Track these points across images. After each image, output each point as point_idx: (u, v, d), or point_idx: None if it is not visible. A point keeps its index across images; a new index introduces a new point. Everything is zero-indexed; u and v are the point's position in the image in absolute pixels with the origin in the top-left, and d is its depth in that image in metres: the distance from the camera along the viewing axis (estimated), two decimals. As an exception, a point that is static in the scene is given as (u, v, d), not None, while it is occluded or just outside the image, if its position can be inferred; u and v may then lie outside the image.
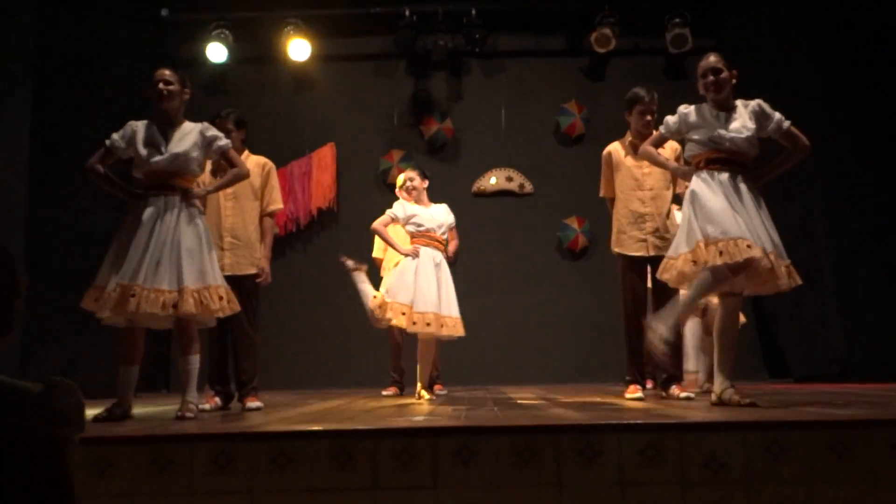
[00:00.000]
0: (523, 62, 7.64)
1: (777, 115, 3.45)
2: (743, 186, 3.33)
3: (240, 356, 4.10)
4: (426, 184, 5.08)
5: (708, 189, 3.31)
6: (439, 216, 4.90)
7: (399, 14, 7.21)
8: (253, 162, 4.22)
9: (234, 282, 3.82)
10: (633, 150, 4.33)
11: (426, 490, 2.27)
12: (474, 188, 7.50)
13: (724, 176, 3.33)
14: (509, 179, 7.48)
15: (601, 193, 4.60)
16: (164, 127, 3.51)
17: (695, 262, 3.25)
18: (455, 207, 7.63)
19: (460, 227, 7.36)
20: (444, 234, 4.88)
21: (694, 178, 3.41)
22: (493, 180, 7.46)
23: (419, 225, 4.78)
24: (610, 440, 2.32)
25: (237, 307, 3.53)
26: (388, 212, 4.86)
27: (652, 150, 3.79)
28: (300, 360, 6.97)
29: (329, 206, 7.45)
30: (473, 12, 7.19)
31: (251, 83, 7.57)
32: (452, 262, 5.05)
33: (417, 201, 4.94)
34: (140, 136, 3.44)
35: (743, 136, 3.35)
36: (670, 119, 3.64)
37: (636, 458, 2.30)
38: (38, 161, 6.14)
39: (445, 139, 7.54)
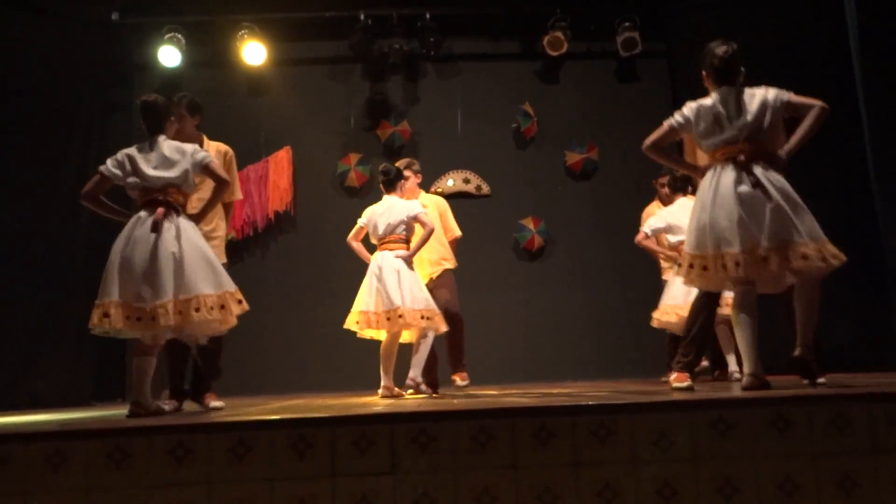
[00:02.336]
0: (478, 65, 7.73)
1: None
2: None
3: (198, 354, 4.06)
4: (411, 179, 5.24)
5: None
6: (392, 216, 4.83)
7: (354, 18, 7.24)
8: (213, 148, 4.14)
9: None
10: None
11: (385, 476, 2.31)
12: (432, 190, 7.53)
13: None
14: (466, 181, 7.55)
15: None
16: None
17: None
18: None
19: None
20: (397, 232, 4.82)
21: None
22: (450, 182, 7.53)
23: (374, 232, 4.90)
24: (563, 422, 2.38)
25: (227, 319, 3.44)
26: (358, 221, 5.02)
27: None
28: (258, 364, 6.91)
29: (286, 209, 7.42)
30: (428, 16, 7.26)
31: (205, 87, 7.48)
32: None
33: (407, 197, 5.09)
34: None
35: None
36: None
37: (589, 439, 2.37)
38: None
39: (402, 142, 7.58)
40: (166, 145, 3.46)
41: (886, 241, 5.69)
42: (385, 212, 4.86)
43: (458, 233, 5.56)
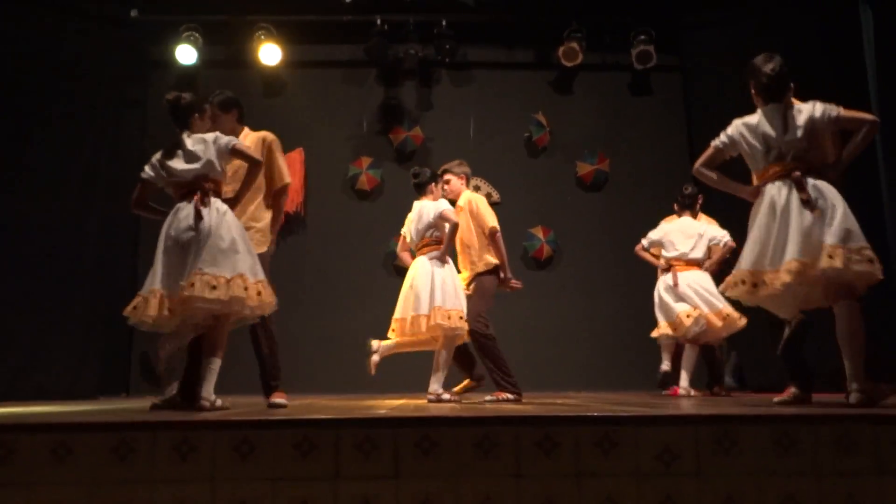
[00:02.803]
0: (492, 74, 7.76)
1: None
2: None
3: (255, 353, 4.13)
4: (441, 183, 5.02)
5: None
6: (421, 220, 4.70)
7: (371, 23, 7.28)
8: (252, 138, 4.09)
9: None
10: None
11: (387, 480, 2.31)
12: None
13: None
14: (477, 188, 7.56)
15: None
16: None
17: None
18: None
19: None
20: (427, 235, 4.66)
21: None
22: (460, 189, 7.53)
23: (411, 241, 4.82)
24: (567, 432, 2.38)
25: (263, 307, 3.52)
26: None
27: None
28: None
29: (297, 210, 7.45)
30: (444, 23, 7.29)
31: (220, 86, 7.36)
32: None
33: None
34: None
35: None
36: None
37: (592, 450, 2.37)
38: (3, 160, 6.08)
39: (414, 147, 7.61)
40: (190, 140, 3.56)
41: (896, 257, 5.67)
42: (416, 217, 4.75)
43: (489, 224, 4.91)
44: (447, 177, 5.12)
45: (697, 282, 5.31)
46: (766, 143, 3.35)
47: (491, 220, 4.93)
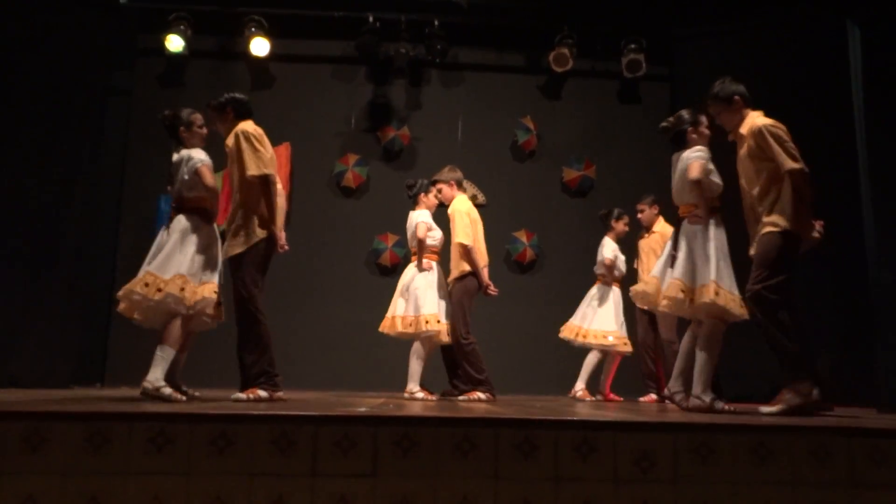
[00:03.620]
0: (482, 76, 7.75)
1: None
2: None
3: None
4: (434, 192, 5.46)
5: None
6: (409, 231, 5.38)
7: (362, 19, 7.25)
8: (232, 133, 4.02)
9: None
10: None
11: (365, 478, 2.30)
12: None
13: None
14: (463, 189, 7.55)
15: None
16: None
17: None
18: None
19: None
20: (412, 245, 5.33)
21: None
22: (446, 190, 7.52)
23: None
24: (547, 435, 2.38)
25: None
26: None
27: None
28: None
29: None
30: (436, 23, 7.28)
31: (208, 77, 7.49)
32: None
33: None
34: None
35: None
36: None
37: (571, 454, 2.37)
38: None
39: (402, 146, 7.59)
40: (177, 156, 3.88)
41: (874, 277, 5.73)
42: (408, 226, 5.36)
43: (457, 240, 5.21)
44: (438, 186, 5.44)
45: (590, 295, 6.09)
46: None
47: (461, 235, 5.20)
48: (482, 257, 5.30)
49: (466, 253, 5.18)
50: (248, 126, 4.00)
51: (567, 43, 7.35)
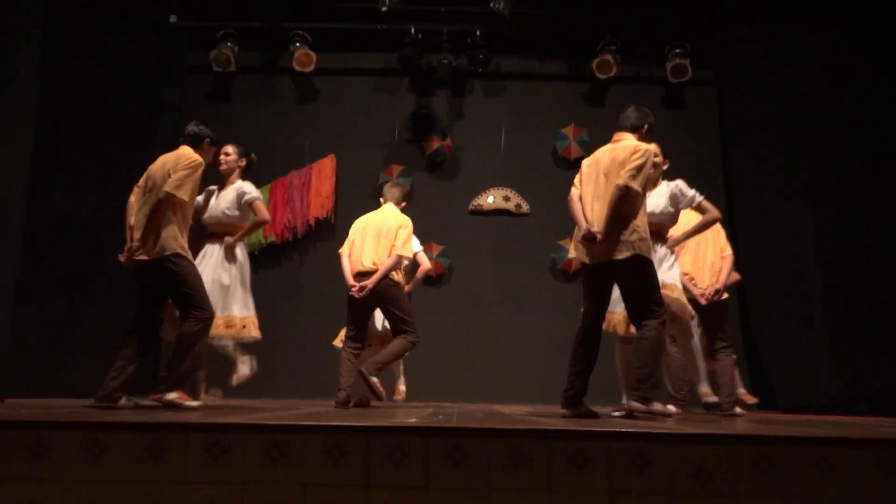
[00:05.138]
0: (525, 84, 7.74)
1: (691, 193, 4.50)
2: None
3: None
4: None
5: None
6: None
7: (404, 32, 7.31)
8: None
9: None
10: None
11: (418, 489, 2.29)
12: (471, 206, 7.57)
13: None
14: (506, 199, 7.54)
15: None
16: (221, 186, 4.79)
17: None
18: (451, 224, 7.68)
19: (456, 243, 7.45)
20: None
21: None
22: (490, 199, 7.53)
23: None
24: (600, 448, 2.35)
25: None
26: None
27: None
28: (292, 367, 6.95)
29: (326, 216, 7.49)
30: (478, 33, 7.29)
31: (255, 92, 7.64)
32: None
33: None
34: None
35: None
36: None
37: (625, 467, 2.33)
38: (42, 159, 6.15)
39: (445, 156, 7.61)
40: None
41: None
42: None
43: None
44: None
45: None
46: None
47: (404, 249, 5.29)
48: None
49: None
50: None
51: (610, 49, 7.29)
